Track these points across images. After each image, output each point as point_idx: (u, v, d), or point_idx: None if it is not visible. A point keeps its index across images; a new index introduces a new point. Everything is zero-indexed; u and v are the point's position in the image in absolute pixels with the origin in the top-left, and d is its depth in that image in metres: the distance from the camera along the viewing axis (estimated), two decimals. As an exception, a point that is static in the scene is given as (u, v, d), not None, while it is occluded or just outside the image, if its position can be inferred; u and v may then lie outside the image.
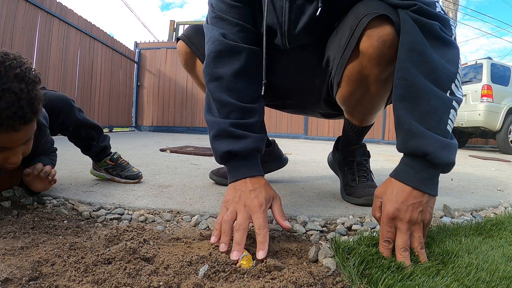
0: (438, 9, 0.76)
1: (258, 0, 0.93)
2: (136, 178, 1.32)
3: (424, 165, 0.68)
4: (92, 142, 1.25)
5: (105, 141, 1.30)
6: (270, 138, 1.39)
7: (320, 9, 0.84)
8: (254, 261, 0.62)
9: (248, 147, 0.77)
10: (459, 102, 0.71)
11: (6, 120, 0.67)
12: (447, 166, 0.68)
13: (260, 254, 0.63)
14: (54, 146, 1.09)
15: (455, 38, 0.75)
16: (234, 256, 0.61)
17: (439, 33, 0.72)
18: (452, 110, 0.69)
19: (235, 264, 0.59)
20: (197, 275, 0.56)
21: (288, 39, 0.94)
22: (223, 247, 0.64)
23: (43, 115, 1.00)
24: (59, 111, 1.14)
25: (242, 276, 0.57)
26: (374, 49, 0.79)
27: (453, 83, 0.71)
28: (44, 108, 1.05)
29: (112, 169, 1.32)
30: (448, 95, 0.70)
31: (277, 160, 1.41)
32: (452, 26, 0.76)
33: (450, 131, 0.69)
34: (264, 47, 0.90)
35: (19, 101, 0.68)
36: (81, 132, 1.23)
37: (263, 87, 0.89)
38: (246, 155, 0.77)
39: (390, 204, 0.67)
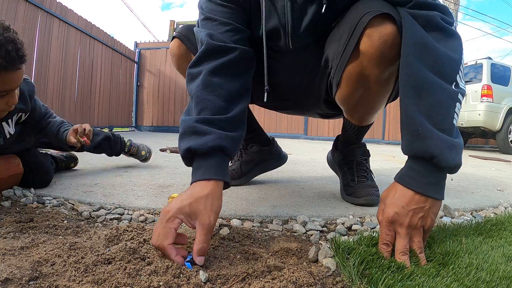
0: None
1: (254, 3, 0.89)
2: (145, 160, 1.69)
3: (430, 169, 0.65)
4: (105, 152, 1.52)
5: (116, 147, 1.54)
6: (269, 136, 1.38)
7: (325, 5, 0.82)
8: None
9: (207, 144, 0.69)
10: (463, 94, 0.69)
11: (11, 61, 0.81)
12: (454, 168, 0.66)
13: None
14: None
15: (455, 27, 0.74)
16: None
17: (440, 24, 0.71)
18: (457, 104, 0.68)
19: None
20: (197, 275, 0.56)
21: (292, 39, 0.91)
22: None
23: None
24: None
25: (243, 276, 0.56)
26: (375, 49, 0.77)
27: (457, 75, 0.69)
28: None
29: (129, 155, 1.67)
30: (453, 87, 0.68)
31: (277, 158, 1.40)
32: (451, 13, 0.75)
33: (456, 125, 0.68)
34: (264, 51, 0.88)
35: (16, 44, 0.82)
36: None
37: (266, 93, 0.87)
38: (206, 154, 0.69)
39: (390, 208, 0.66)
